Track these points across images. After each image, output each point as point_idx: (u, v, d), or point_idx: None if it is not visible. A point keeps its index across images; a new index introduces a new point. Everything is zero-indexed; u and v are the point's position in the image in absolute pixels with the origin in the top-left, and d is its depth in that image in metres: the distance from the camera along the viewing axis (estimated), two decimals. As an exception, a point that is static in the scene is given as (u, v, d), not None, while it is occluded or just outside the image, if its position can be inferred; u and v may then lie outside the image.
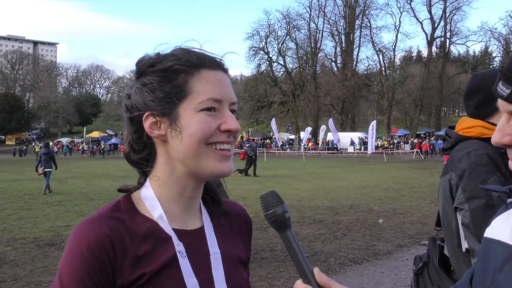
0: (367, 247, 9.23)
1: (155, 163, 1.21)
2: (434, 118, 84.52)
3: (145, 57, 1.21)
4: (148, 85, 1.17)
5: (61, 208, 14.48)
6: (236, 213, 1.39)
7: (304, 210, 13.79)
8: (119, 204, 1.20)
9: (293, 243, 1.18)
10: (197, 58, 1.18)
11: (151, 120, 1.16)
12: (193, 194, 1.23)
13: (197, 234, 1.23)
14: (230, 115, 1.17)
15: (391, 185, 20.94)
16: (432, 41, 79.99)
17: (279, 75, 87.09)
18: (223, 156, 1.17)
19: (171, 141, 1.16)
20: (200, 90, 1.15)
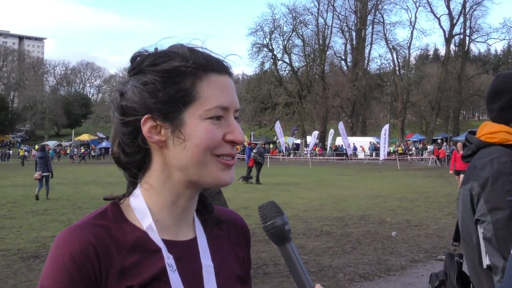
0: (378, 262, 9.20)
1: (149, 170, 1.20)
2: (452, 122, 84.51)
3: (143, 53, 1.19)
4: (150, 85, 1.14)
5: (47, 217, 14.47)
6: (233, 222, 1.38)
7: (311, 221, 13.76)
8: (106, 212, 1.19)
9: (293, 257, 1.19)
10: (205, 60, 1.16)
11: (151, 123, 1.14)
12: (188, 203, 1.22)
13: (189, 245, 1.23)
14: (236, 125, 1.18)
15: (405, 194, 20.89)
16: (451, 38, 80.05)
17: (284, 74, 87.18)
18: (226, 165, 1.17)
19: (171, 148, 1.15)
20: (208, 96, 1.14)
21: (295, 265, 1.18)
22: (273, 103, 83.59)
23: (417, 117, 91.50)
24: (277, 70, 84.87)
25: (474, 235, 2.17)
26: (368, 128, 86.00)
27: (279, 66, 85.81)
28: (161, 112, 1.13)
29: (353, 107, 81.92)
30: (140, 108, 1.14)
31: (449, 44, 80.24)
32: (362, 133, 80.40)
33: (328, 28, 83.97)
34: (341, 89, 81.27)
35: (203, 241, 1.25)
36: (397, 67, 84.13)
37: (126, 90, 1.17)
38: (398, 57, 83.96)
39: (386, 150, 49.46)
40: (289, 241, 1.21)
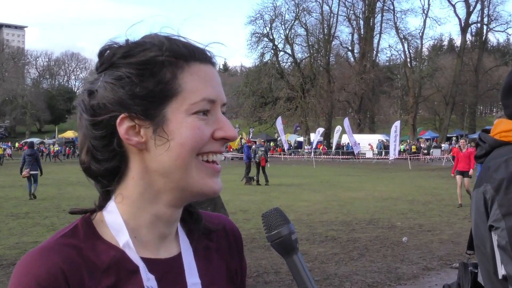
0: (388, 269, 9.21)
1: (125, 178, 1.13)
2: (468, 119, 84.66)
3: (113, 45, 1.12)
4: (125, 79, 1.07)
5: (28, 221, 14.47)
6: (222, 230, 1.33)
7: (315, 225, 13.77)
8: (77, 229, 1.13)
9: (300, 269, 1.17)
10: (185, 48, 1.11)
11: (128, 123, 1.08)
12: (172, 217, 1.17)
13: (173, 263, 1.17)
14: (226, 120, 1.13)
15: (417, 196, 20.92)
16: (467, 27, 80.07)
17: (286, 66, 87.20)
18: (214, 171, 1.12)
19: (153, 150, 1.09)
20: (192, 88, 1.09)
21: (303, 278, 1.16)
22: (274, 98, 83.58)
23: (430, 113, 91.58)
24: (278, 61, 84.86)
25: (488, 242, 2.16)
26: (377, 125, 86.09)
27: (281, 58, 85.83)
28: (139, 109, 1.07)
29: (360, 102, 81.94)
30: (115, 107, 1.08)
31: (465, 34, 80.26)
32: (370, 130, 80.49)
33: (333, 16, 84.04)
34: (347, 82, 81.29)
35: (189, 256, 1.20)
36: (409, 59, 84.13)
37: (96, 88, 1.10)
38: (409, 47, 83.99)
39: (396, 148, 49.46)
40: (296, 252, 1.19)
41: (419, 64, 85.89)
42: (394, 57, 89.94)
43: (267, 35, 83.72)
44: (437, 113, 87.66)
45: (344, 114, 79.85)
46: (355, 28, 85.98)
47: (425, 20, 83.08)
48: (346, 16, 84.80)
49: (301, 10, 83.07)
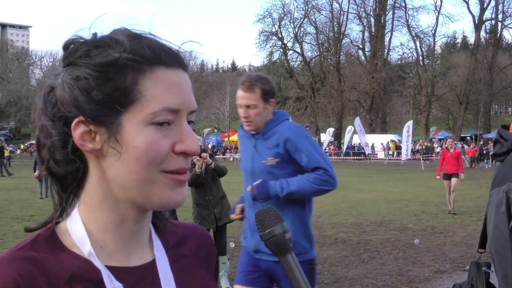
0: (400, 272, 9.21)
1: (85, 183, 1.08)
2: (483, 118, 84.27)
3: (76, 39, 1.07)
4: (83, 80, 1.01)
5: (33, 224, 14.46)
6: (199, 238, 1.29)
7: (325, 227, 13.76)
8: (38, 240, 1.07)
9: (294, 269, 1.18)
10: (150, 50, 1.03)
11: (83, 128, 1.02)
12: (137, 225, 1.12)
13: (145, 271, 1.12)
14: (189, 132, 1.05)
15: (429, 198, 20.86)
16: (481, 24, 79.75)
17: (295, 66, 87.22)
18: (177, 182, 1.05)
19: (108, 159, 1.03)
20: (153, 96, 1.01)
21: (297, 278, 1.17)
22: (283, 97, 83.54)
23: (443, 112, 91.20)
24: (288, 60, 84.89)
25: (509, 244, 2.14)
26: (389, 125, 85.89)
27: (290, 56, 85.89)
28: (94, 114, 1.01)
29: (371, 102, 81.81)
30: (71, 109, 1.02)
31: (479, 31, 79.95)
32: (382, 130, 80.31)
33: (343, 14, 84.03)
34: (358, 81, 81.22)
35: (165, 265, 1.15)
36: (421, 57, 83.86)
37: (56, 85, 1.05)
38: (421, 45, 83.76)
39: (409, 149, 49.34)
40: (290, 251, 1.19)
41: (432, 63, 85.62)
42: (406, 55, 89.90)
43: (276, 34, 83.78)
44: (450, 112, 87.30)
45: (355, 114, 79.73)
46: (366, 26, 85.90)
47: (437, 17, 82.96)
48: (357, 14, 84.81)
49: (311, 8, 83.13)
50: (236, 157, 60.15)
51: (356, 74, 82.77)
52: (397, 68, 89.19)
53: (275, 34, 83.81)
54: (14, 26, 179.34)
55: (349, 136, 61.19)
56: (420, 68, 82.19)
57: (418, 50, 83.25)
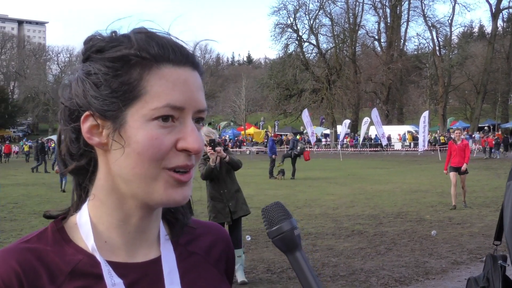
0: (416, 264, 9.17)
1: (95, 177, 1.11)
2: (500, 107, 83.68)
3: (96, 37, 1.09)
4: (93, 75, 1.05)
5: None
6: (214, 238, 1.29)
7: (341, 219, 13.75)
8: (46, 232, 1.11)
9: (304, 267, 1.14)
10: (159, 47, 1.05)
11: (91, 122, 1.05)
12: (143, 222, 1.13)
13: (149, 268, 1.13)
14: (193, 129, 1.06)
15: (446, 189, 20.65)
16: (498, 13, 78.98)
17: (311, 58, 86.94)
18: (178, 180, 1.05)
19: (112, 153, 1.06)
20: (157, 92, 1.03)
21: (307, 276, 1.13)
22: (299, 90, 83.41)
23: (461, 102, 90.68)
24: (303, 52, 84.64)
25: None
26: (406, 116, 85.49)
27: (305, 48, 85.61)
28: (101, 108, 1.04)
29: (388, 93, 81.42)
30: (82, 103, 1.06)
31: (496, 20, 79.17)
32: (398, 121, 79.99)
33: (359, 5, 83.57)
34: (374, 72, 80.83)
35: (170, 261, 1.15)
36: (437, 47, 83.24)
37: (73, 80, 1.10)
38: (438, 35, 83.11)
39: (426, 140, 49.07)
40: (298, 248, 1.14)
41: (449, 52, 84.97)
42: (422, 45, 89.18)
43: (291, 26, 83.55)
44: (467, 102, 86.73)
45: (371, 105, 79.49)
46: (382, 16, 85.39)
47: (454, 7, 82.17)
48: (372, 5, 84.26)
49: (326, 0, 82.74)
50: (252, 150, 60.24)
51: (372, 65, 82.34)
52: (414, 58, 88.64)
53: (290, 26, 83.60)
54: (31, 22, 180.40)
55: (365, 128, 60.93)
56: (436, 58, 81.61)
57: (434, 40, 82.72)
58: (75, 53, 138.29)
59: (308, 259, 1.16)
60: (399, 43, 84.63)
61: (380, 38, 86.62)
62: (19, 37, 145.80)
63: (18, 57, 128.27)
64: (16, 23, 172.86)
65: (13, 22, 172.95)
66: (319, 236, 11.60)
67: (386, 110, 79.97)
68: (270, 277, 8.33)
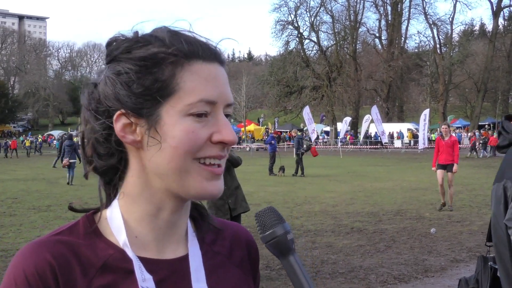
0: (415, 262, 9.18)
1: (125, 175, 1.13)
2: (501, 106, 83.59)
3: (119, 38, 1.12)
4: (124, 75, 1.07)
5: (50, 214, 14.65)
6: (237, 238, 1.31)
7: (340, 217, 13.75)
8: (78, 226, 1.13)
9: (298, 271, 1.15)
10: (188, 45, 1.08)
11: (124, 121, 1.07)
12: (173, 216, 1.15)
13: (177, 265, 1.15)
14: (226, 122, 1.09)
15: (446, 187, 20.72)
16: (499, 11, 78.89)
17: (311, 55, 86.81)
18: (212, 174, 1.09)
19: (147, 150, 1.08)
20: (191, 88, 1.06)
21: (301, 280, 1.13)
22: (299, 87, 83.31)
23: (461, 101, 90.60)
24: (304, 50, 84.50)
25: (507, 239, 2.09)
26: (406, 114, 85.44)
27: (306, 46, 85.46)
28: (135, 107, 1.06)
29: (388, 90, 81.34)
30: (113, 102, 1.08)
31: (497, 18, 79.07)
32: (399, 119, 79.92)
33: (360, 2, 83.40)
34: (375, 70, 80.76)
35: (197, 260, 1.17)
36: (438, 45, 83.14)
37: (99, 81, 1.11)
38: (439, 33, 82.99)
39: (426, 137, 49.08)
40: (292, 252, 1.15)
41: (449, 50, 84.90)
42: (423, 43, 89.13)
43: (292, 23, 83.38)
44: (468, 100, 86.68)
45: (371, 103, 79.47)
46: (383, 14, 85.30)
47: (455, 5, 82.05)
48: (373, 2, 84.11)
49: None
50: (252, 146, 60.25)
51: (372, 63, 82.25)
52: (414, 56, 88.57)
53: (291, 23, 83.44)
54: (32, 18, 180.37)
55: (366, 125, 60.92)
56: (437, 56, 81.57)
57: (435, 38, 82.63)
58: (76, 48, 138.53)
59: (302, 263, 1.16)
60: (399, 40, 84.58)
61: (381, 35, 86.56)
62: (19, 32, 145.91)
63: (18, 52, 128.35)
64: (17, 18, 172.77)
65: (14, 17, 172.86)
66: (319, 233, 11.60)
67: (387, 107, 79.93)
68: (269, 274, 8.32)
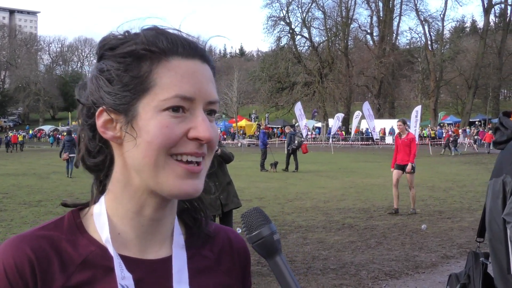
0: (406, 258, 9.19)
1: (111, 172, 1.14)
2: (492, 102, 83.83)
3: (110, 36, 1.12)
4: (106, 72, 1.09)
5: (41, 209, 14.60)
6: (228, 244, 1.30)
7: (332, 213, 13.77)
8: (62, 221, 1.14)
9: (284, 271, 1.15)
10: (167, 41, 1.08)
11: (105, 117, 1.09)
12: (156, 214, 1.14)
13: (159, 265, 1.15)
14: (203, 119, 1.07)
15: (437, 183, 20.82)
16: (490, 8, 79.15)
17: (303, 51, 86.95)
18: (187, 171, 1.07)
19: (125, 145, 1.09)
20: (166, 84, 1.06)
21: (287, 281, 1.14)
22: (291, 83, 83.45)
23: (452, 97, 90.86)
24: (295, 45, 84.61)
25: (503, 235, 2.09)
26: (397, 110, 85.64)
27: (298, 42, 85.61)
28: (114, 103, 1.08)
29: (380, 87, 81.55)
30: (96, 99, 1.10)
31: (488, 15, 79.31)
32: (390, 115, 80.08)
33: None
34: (366, 66, 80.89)
35: (181, 262, 1.17)
36: (429, 41, 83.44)
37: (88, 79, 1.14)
38: (430, 30, 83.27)
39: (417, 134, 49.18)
40: (278, 253, 1.16)
41: (440, 47, 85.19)
42: (415, 40, 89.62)
43: (284, 19, 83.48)
44: (459, 97, 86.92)
45: (363, 99, 79.51)
46: (374, 10, 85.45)
47: (446, 1, 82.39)
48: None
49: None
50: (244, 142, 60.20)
51: (364, 59, 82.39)
52: (406, 52, 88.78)
53: (283, 19, 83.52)
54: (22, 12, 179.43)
55: (357, 121, 60.97)
56: (428, 52, 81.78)
57: (426, 35, 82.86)
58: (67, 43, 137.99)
59: (288, 263, 1.16)
60: (391, 37, 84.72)
61: (372, 32, 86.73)
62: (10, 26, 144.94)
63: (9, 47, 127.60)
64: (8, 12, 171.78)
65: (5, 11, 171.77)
66: (310, 229, 11.61)
67: (378, 104, 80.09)
68: (260, 270, 8.32)
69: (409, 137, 13.86)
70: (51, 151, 55.03)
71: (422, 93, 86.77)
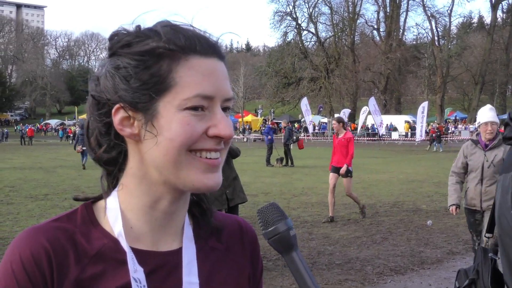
0: (412, 253, 9.18)
1: (125, 167, 1.15)
2: (498, 99, 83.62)
3: (121, 32, 1.12)
4: (122, 69, 1.08)
5: (47, 203, 14.62)
6: (237, 231, 1.31)
7: (337, 208, 13.71)
8: (75, 214, 1.15)
9: (300, 267, 1.15)
10: (186, 39, 1.08)
11: (122, 114, 1.08)
12: (170, 208, 1.15)
13: (170, 257, 1.16)
14: (222, 117, 1.09)
15: (443, 179, 20.70)
16: (497, 4, 78.90)
17: (309, 46, 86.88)
18: (208, 165, 1.08)
19: (144, 143, 1.09)
20: (187, 83, 1.06)
21: (304, 277, 1.13)
22: (297, 78, 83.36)
23: (459, 93, 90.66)
24: (302, 41, 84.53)
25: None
26: (403, 106, 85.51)
27: (304, 37, 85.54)
28: (132, 101, 1.07)
29: (386, 82, 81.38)
30: (112, 96, 1.09)
31: (495, 10, 79.10)
32: (396, 111, 79.94)
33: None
34: (373, 62, 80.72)
35: (190, 253, 1.18)
36: (436, 37, 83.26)
37: (101, 75, 1.12)
38: (437, 25, 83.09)
39: (423, 130, 49.12)
40: (295, 249, 1.16)
41: (447, 43, 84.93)
42: (421, 35, 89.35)
43: (290, 14, 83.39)
44: (466, 93, 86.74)
45: (369, 94, 79.34)
46: (381, 6, 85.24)
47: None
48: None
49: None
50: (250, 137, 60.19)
51: (370, 55, 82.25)
52: (412, 48, 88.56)
53: (290, 14, 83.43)
54: (29, 6, 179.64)
55: (363, 117, 60.90)
56: (435, 48, 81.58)
57: (433, 30, 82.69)
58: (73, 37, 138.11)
59: (304, 259, 1.16)
60: (398, 32, 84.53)
61: (379, 27, 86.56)
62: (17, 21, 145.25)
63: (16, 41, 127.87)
64: (15, 7, 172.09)
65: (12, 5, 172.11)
66: (315, 225, 11.60)
67: (384, 99, 79.95)
68: (266, 264, 8.32)
69: (347, 136, 12.33)
70: (58, 145, 55.15)
71: (428, 89, 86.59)
